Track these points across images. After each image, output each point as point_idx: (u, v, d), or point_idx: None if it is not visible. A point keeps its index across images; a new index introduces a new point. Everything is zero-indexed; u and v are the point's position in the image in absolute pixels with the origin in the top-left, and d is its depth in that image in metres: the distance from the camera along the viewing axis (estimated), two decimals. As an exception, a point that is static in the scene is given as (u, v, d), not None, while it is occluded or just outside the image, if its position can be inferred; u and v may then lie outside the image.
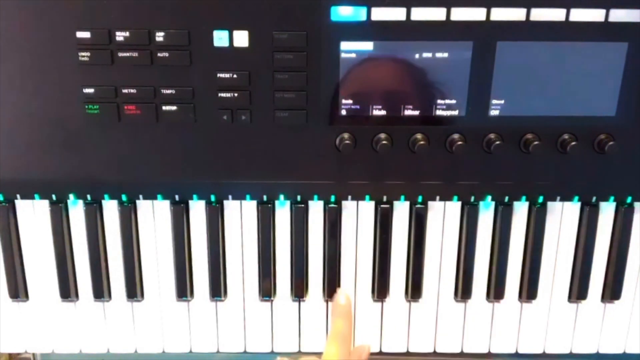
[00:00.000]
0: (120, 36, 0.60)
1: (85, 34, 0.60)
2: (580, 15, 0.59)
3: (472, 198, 0.69)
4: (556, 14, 0.60)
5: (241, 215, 0.70)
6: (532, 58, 0.61)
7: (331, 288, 0.71)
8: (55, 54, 0.61)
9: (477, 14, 0.59)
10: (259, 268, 0.72)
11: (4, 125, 0.64)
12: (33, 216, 0.70)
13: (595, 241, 0.70)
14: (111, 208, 0.70)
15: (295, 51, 0.61)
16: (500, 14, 0.59)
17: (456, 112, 0.63)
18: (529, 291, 0.72)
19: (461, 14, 0.59)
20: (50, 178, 0.66)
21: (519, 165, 0.66)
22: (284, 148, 0.65)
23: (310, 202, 0.69)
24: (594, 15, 0.60)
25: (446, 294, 0.73)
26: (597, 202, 0.69)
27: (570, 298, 0.73)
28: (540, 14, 0.60)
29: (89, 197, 0.68)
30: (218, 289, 0.72)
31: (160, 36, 0.60)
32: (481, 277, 0.72)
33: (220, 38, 0.60)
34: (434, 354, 0.75)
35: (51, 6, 0.60)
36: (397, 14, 0.59)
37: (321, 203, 0.70)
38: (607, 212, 0.70)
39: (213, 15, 0.60)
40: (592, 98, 0.63)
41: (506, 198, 0.69)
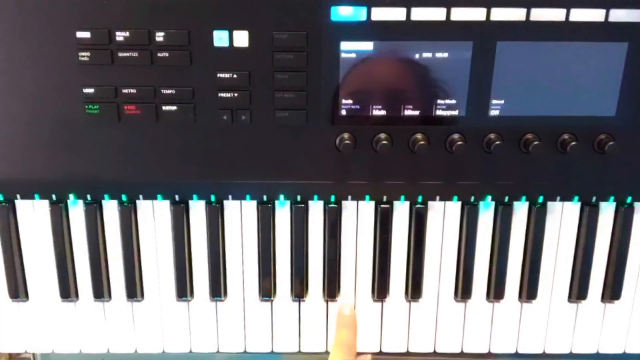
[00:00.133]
0: (120, 36, 0.60)
1: (85, 34, 0.60)
2: (580, 15, 0.59)
3: (472, 198, 0.69)
4: (556, 14, 0.60)
5: (241, 215, 0.70)
6: (532, 58, 0.61)
7: (331, 288, 0.71)
8: (55, 54, 0.61)
9: (477, 14, 0.59)
10: (259, 268, 0.72)
11: (4, 125, 0.64)
12: (33, 216, 0.70)
13: (595, 241, 0.70)
14: (111, 208, 0.70)
15: (295, 51, 0.61)
16: (500, 14, 0.59)
17: (456, 112, 0.63)
18: (529, 291, 0.72)
19: (461, 14, 0.59)
20: (50, 178, 0.66)
21: (519, 165, 0.66)
22: (284, 148, 0.65)
23: (310, 202, 0.69)
24: (594, 15, 0.60)
25: (446, 294, 0.73)
26: (597, 202, 0.69)
27: (570, 298, 0.73)
28: (540, 14, 0.60)
29: (89, 197, 0.68)
30: (218, 289, 0.72)
31: (160, 36, 0.60)
32: (481, 277, 0.72)
33: (220, 38, 0.60)
34: (434, 354, 0.75)
35: (51, 6, 0.60)
36: (397, 14, 0.59)
37: (321, 203, 0.70)
38: (607, 212, 0.70)
39: (213, 15, 0.60)
40: (592, 98, 0.63)
41: (506, 198, 0.69)
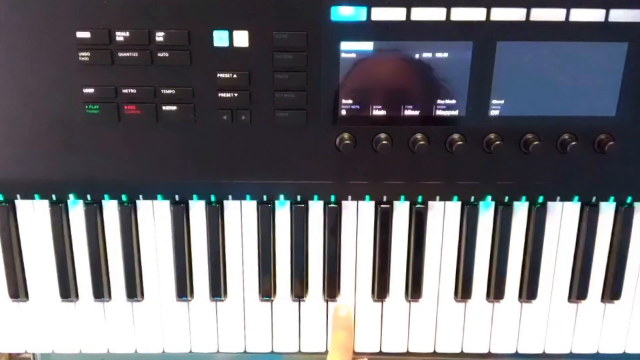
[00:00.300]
0: (120, 36, 0.60)
1: (85, 34, 0.60)
2: (580, 15, 0.59)
3: (472, 198, 0.69)
4: (556, 14, 0.59)
5: (241, 215, 0.70)
6: (532, 58, 0.61)
7: (331, 288, 0.71)
8: (55, 54, 0.61)
9: (477, 14, 0.59)
10: (259, 268, 0.72)
11: (4, 125, 0.64)
12: (33, 216, 0.70)
13: (595, 241, 0.70)
14: (111, 208, 0.70)
15: (295, 51, 0.61)
16: (500, 14, 0.59)
17: (456, 112, 0.63)
18: (529, 291, 0.72)
19: (461, 14, 0.59)
20: (50, 178, 0.66)
21: (519, 165, 0.66)
22: (284, 148, 0.65)
23: (310, 202, 0.69)
24: (594, 15, 0.59)
25: (446, 294, 0.73)
26: (597, 202, 0.69)
27: (570, 298, 0.73)
28: (540, 14, 0.59)
29: (89, 197, 0.68)
30: (218, 289, 0.72)
31: (160, 36, 0.60)
32: (481, 277, 0.72)
33: (220, 38, 0.60)
34: (434, 354, 0.75)
35: (51, 6, 0.60)
36: (397, 14, 0.59)
37: (321, 203, 0.70)
38: (607, 212, 0.70)
39: (213, 15, 0.60)
40: (592, 98, 0.63)
41: (506, 198, 0.69)
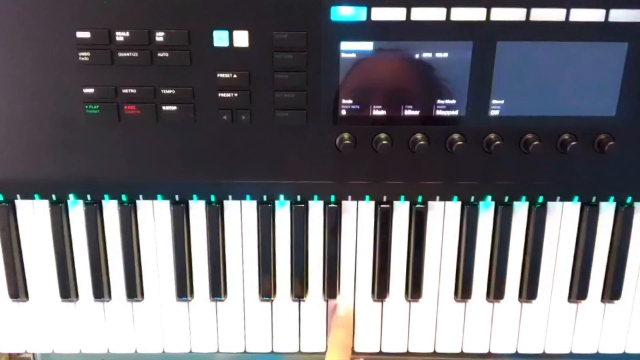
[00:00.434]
0: (120, 36, 0.60)
1: (85, 34, 0.60)
2: (580, 15, 0.59)
3: (472, 198, 0.69)
4: (556, 14, 0.59)
5: (241, 215, 0.70)
6: (532, 58, 0.61)
7: (331, 288, 0.71)
8: (55, 54, 0.61)
9: (477, 14, 0.59)
10: (259, 268, 0.72)
11: (4, 125, 0.64)
12: (33, 216, 0.70)
13: (595, 241, 0.70)
14: (111, 208, 0.70)
15: (295, 51, 0.61)
16: (500, 14, 0.59)
17: (456, 112, 0.63)
18: (529, 291, 0.72)
19: (461, 14, 0.59)
20: (50, 178, 0.66)
21: (519, 165, 0.66)
22: (284, 148, 0.65)
23: (310, 202, 0.69)
24: (594, 15, 0.59)
25: (446, 294, 0.73)
26: (597, 202, 0.69)
27: (570, 298, 0.73)
28: (540, 14, 0.59)
29: (89, 197, 0.68)
30: (218, 289, 0.72)
31: (160, 36, 0.60)
32: (481, 277, 0.72)
33: (220, 38, 0.60)
34: (434, 354, 0.75)
35: (51, 6, 0.60)
36: (397, 14, 0.59)
37: (321, 203, 0.70)
38: (607, 212, 0.70)
39: (213, 15, 0.60)
40: (592, 98, 0.63)
41: (506, 198, 0.69)
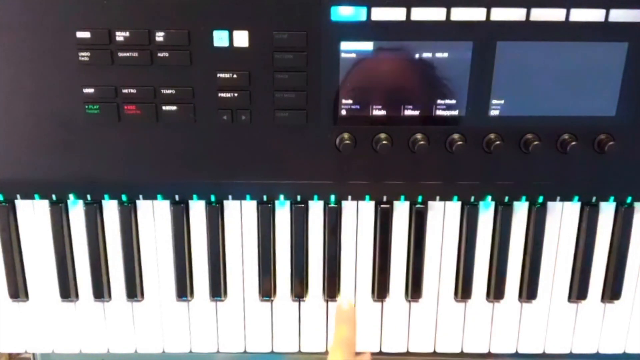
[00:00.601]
0: (120, 36, 0.60)
1: (85, 34, 0.60)
2: (580, 15, 0.59)
3: (472, 198, 0.69)
4: (556, 14, 0.59)
5: (241, 215, 0.70)
6: (532, 58, 0.61)
7: (331, 288, 0.71)
8: (55, 54, 0.61)
9: (477, 14, 0.59)
10: (259, 268, 0.72)
11: (4, 125, 0.64)
12: (33, 216, 0.70)
13: (595, 241, 0.70)
14: (111, 208, 0.70)
15: (295, 51, 0.61)
16: (500, 14, 0.59)
17: (456, 112, 0.63)
18: (529, 291, 0.72)
19: (461, 14, 0.59)
20: (50, 178, 0.66)
21: (519, 165, 0.66)
22: (284, 148, 0.65)
23: (310, 202, 0.69)
24: (594, 15, 0.59)
25: (446, 294, 0.73)
26: (597, 202, 0.69)
27: (570, 298, 0.73)
28: (540, 14, 0.59)
29: (89, 197, 0.68)
30: (218, 289, 0.72)
31: (160, 36, 0.60)
32: (481, 277, 0.72)
33: (220, 38, 0.60)
34: (434, 354, 0.75)
35: (51, 6, 0.60)
36: (397, 14, 0.59)
37: (321, 203, 0.70)
38: (607, 212, 0.70)
39: (213, 15, 0.60)
40: (592, 98, 0.63)
41: (506, 198, 0.69)
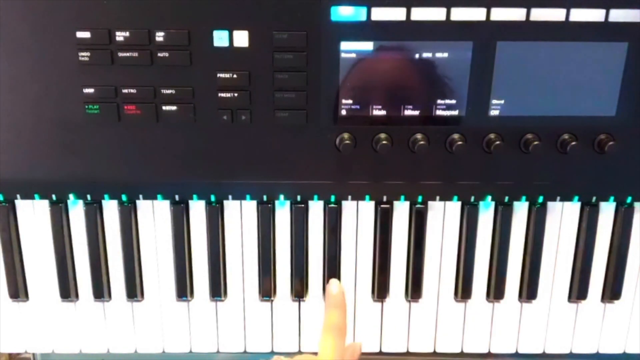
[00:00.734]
0: (120, 36, 0.60)
1: (85, 34, 0.60)
2: (580, 15, 0.59)
3: (472, 198, 0.69)
4: (556, 14, 0.59)
5: (241, 215, 0.70)
6: (532, 58, 0.61)
7: (331, 288, 0.71)
8: (55, 54, 0.61)
9: (477, 14, 0.59)
10: (259, 268, 0.72)
11: (4, 125, 0.64)
12: (33, 216, 0.70)
13: (595, 241, 0.70)
14: (111, 208, 0.70)
15: (295, 51, 0.61)
16: (500, 14, 0.59)
17: (456, 112, 0.63)
18: (529, 291, 0.72)
19: (461, 14, 0.59)
20: (50, 178, 0.66)
21: (519, 165, 0.66)
22: (284, 148, 0.65)
23: (310, 202, 0.69)
24: (594, 15, 0.59)
25: (446, 294, 0.73)
26: (597, 202, 0.69)
27: (570, 298, 0.73)
28: (540, 14, 0.59)
29: (89, 197, 0.68)
30: (218, 289, 0.72)
31: (160, 36, 0.60)
32: (481, 277, 0.72)
33: (220, 38, 0.60)
34: (434, 354, 0.75)
35: (51, 6, 0.60)
36: (397, 14, 0.59)
37: (321, 203, 0.70)
38: (607, 212, 0.70)
39: (213, 15, 0.60)
40: (592, 98, 0.63)
41: (506, 198, 0.69)
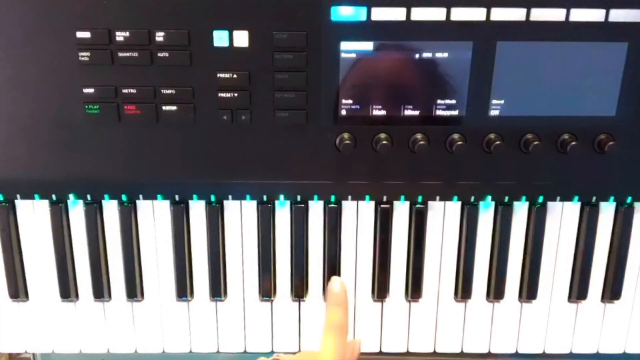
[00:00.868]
0: (120, 36, 0.60)
1: (85, 34, 0.60)
2: (580, 15, 0.59)
3: (472, 198, 0.69)
4: (556, 14, 0.59)
5: (241, 215, 0.70)
6: (532, 58, 0.61)
7: (331, 288, 0.71)
8: (55, 54, 0.61)
9: (477, 14, 0.59)
10: (259, 268, 0.72)
11: (4, 125, 0.64)
12: (33, 216, 0.70)
13: (595, 241, 0.70)
14: (111, 208, 0.70)
15: (295, 51, 0.61)
16: (500, 14, 0.59)
17: (456, 112, 0.63)
18: (529, 291, 0.72)
19: (461, 14, 0.59)
20: (50, 178, 0.66)
21: (519, 165, 0.66)
22: (284, 148, 0.65)
23: (310, 202, 0.69)
24: (594, 15, 0.59)
25: (446, 294, 0.73)
26: (597, 202, 0.69)
27: (570, 298, 0.73)
28: (540, 14, 0.59)
29: (89, 197, 0.68)
30: (218, 289, 0.72)
31: (160, 36, 0.60)
32: (481, 277, 0.72)
33: (220, 38, 0.60)
34: (434, 354, 0.75)
35: (51, 6, 0.60)
36: (397, 14, 0.59)
37: (321, 203, 0.70)
38: (607, 212, 0.70)
39: (213, 15, 0.60)
40: (592, 98, 0.63)
41: (506, 198, 0.69)
